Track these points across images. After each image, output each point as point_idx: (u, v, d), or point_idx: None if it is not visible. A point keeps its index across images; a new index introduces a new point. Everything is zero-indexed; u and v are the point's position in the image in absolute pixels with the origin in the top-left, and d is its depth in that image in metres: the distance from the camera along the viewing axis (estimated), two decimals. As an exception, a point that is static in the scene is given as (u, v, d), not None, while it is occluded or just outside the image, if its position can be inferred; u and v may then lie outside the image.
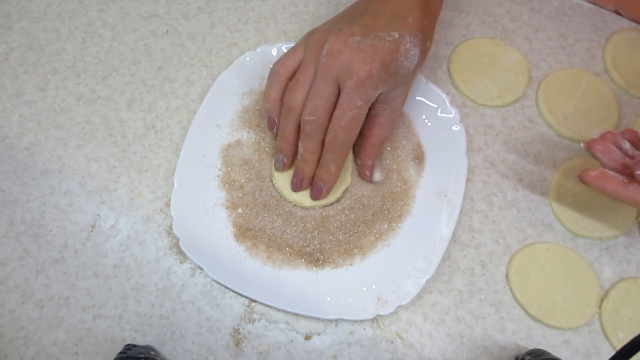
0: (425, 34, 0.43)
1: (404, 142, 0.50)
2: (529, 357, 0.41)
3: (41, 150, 0.50)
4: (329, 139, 0.42)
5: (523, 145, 0.51)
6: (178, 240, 0.45)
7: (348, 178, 0.47)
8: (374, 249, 0.46)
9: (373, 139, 0.46)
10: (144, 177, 0.49)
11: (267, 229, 0.46)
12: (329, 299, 0.44)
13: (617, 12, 0.57)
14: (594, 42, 0.56)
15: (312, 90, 0.42)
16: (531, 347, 0.44)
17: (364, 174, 0.47)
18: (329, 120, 0.42)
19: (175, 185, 0.47)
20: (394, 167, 0.49)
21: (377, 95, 0.42)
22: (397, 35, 0.41)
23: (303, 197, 0.46)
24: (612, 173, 0.41)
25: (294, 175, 0.46)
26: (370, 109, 0.43)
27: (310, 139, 0.43)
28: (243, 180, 0.48)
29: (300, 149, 0.44)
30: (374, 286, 0.44)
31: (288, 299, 0.44)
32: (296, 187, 0.46)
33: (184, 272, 0.46)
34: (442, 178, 0.48)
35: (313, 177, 0.45)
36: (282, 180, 0.47)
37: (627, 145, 0.44)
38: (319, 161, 0.44)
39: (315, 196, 0.46)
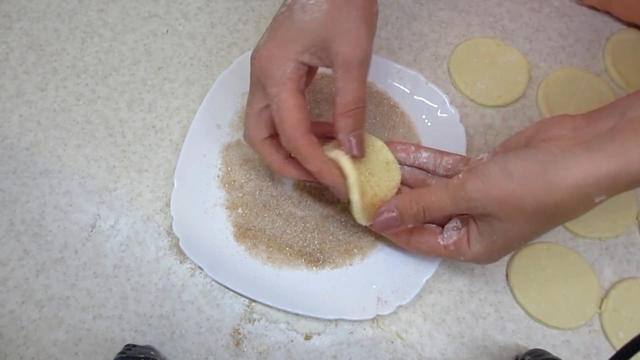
0: None
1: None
2: (529, 357, 0.41)
3: (41, 150, 0.50)
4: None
5: (523, 145, 0.51)
6: (178, 240, 0.45)
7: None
8: (374, 249, 0.46)
9: (337, 109, 0.39)
10: (144, 177, 0.49)
11: (267, 229, 0.46)
12: (329, 299, 0.44)
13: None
14: (594, 42, 0.56)
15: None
16: (531, 347, 0.44)
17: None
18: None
19: (175, 185, 0.46)
20: (394, 167, 0.49)
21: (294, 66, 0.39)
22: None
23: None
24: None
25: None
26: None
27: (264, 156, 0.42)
28: (243, 180, 0.48)
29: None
30: (374, 286, 0.44)
31: (288, 299, 0.44)
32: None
33: (184, 272, 0.46)
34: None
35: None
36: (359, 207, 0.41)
37: (424, 155, 0.44)
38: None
39: (340, 196, 0.42)
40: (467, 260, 0.39)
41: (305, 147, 0.38)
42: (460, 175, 0.37)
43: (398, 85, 0.51)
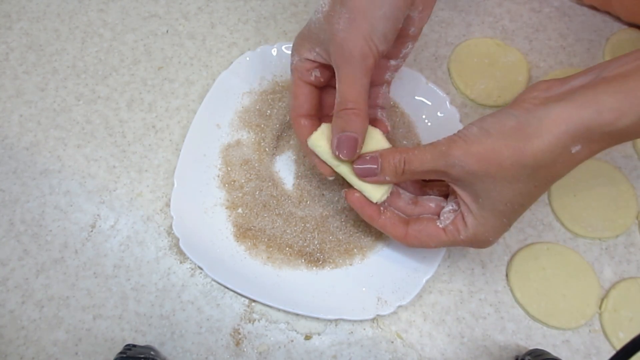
0: None
1: (404, 142, 0.50)
2: (529, 357, 0.41)
3: (41, 150, 0.50)
4: None
5: (523, 145, 0.51)
6: (178, 240, 0.45)
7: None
8: (374, 249, 0.46)
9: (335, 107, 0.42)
10: (144, 177, 0.49)
11: (267, 229, 0.46)
12: (329, 299, 0.44)
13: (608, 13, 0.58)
14: (594, 42, 0.56)
15: None
16: (531, 347, 0.44)
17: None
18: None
19: (175, 185, 0.46)
20: (394, 167, 0.49)
21: (297, 61, 0.42)
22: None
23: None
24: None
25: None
26: None
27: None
28: (243, 180, 0.48)
29: None
30: (374, 286, 0.44)
31: (288, 299, 0.44)
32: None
33: (184, 272, 0.46)
34: (442, 178, 0.48)
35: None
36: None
37: None
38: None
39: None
40: (467, 239, 0.39)
41: (295, 128, 0.43)
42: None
43: (398, 85, 0.51)
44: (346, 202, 0.43)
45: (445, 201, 0.42)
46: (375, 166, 0.39)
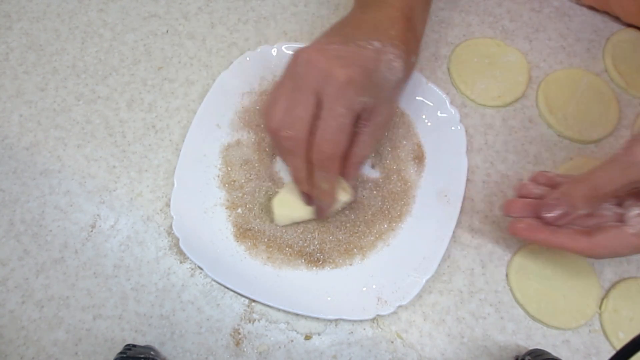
0: (409, 47, 0.41)
1: (404, 142, 0.50)
2: (529, 357, 0.41)
3: (41, 150, 0.50)
4: (314, 155, 0.38)
5: (523, 145, 0.51)
6: (178, 240, 0.45)
7: (348, 192, 0.45)
8: (374, 249, 0.46)
9: (353, 159, 0.41)
10: (144, 177, 0.49)
11: (267, 229, 0.46)
12: (329, 299, 0.44)
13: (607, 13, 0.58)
14: (594, 42, 0.56)
15: (289, 103, 0.38)
16: (531, 347, 0.44)
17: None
18: (310, 133, 0.38)
19: (175, 185, 0.47)
20: (394, 167, 0.49)
21: (360, 104, 0.38)
22: (378, 45, 0.39)
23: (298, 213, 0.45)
24: (537, 222, 0.41)
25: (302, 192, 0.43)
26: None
27: (293, 156, 0.39)
28: (243, 180, 0.48)
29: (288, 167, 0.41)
30: (374, 286, 0.44)
31: (288, 299, 0.44)
32: (306, 202, 0.44)
33: (184, 272, 0.46)
34: (442, 178, 0.48)
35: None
36: (279, 208, 0.45)
37: (542, 190, 0.42)
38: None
39: (319, 215, 0.44)
40: None
41: (335, 169, 0.41)
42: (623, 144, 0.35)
43: (398, 85, 0.51)
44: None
45: (620, 207, 0.39)
46: (567, 208, 0.38)
